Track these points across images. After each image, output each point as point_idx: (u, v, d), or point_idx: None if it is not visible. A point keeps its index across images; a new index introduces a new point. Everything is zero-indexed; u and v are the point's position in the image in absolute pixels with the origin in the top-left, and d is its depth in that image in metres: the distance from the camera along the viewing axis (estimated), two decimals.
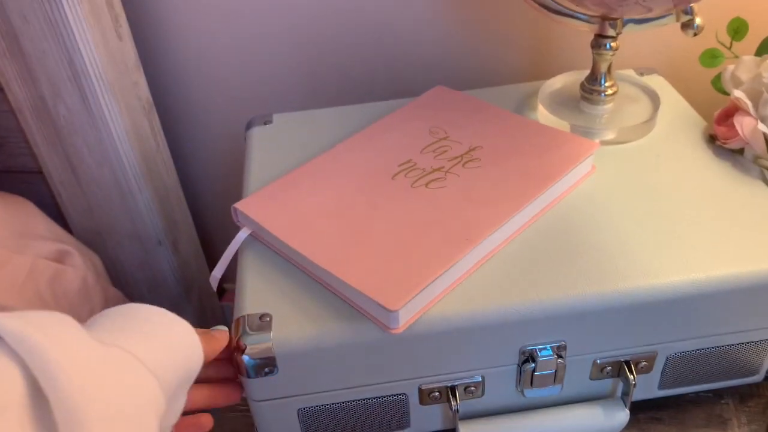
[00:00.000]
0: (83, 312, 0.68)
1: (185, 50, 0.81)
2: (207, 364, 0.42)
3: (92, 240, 0.85)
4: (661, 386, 0.53)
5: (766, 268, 0.47)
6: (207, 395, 0.45)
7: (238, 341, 0.45)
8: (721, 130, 0.58)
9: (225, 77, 0.83)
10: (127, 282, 0.89)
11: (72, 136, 0.75)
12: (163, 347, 0.36)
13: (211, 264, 1.01)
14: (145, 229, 0.83)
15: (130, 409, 0.31)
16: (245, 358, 0.45)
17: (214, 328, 0.46)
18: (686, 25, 0.56)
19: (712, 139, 0.59)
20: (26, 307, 0.61)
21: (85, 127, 0.74)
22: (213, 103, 0.86)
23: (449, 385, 0.49)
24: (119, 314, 0.38)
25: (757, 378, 0.54)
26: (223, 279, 1.07)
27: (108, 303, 0.71)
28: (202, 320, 0.97)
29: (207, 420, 0.45)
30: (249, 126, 0.67)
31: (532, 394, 0.51)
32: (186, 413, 0.42)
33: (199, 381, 0.42)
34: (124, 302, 0.74)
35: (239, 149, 0.89)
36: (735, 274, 0.47)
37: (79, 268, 0.69)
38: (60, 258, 0.70)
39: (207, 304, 0.99)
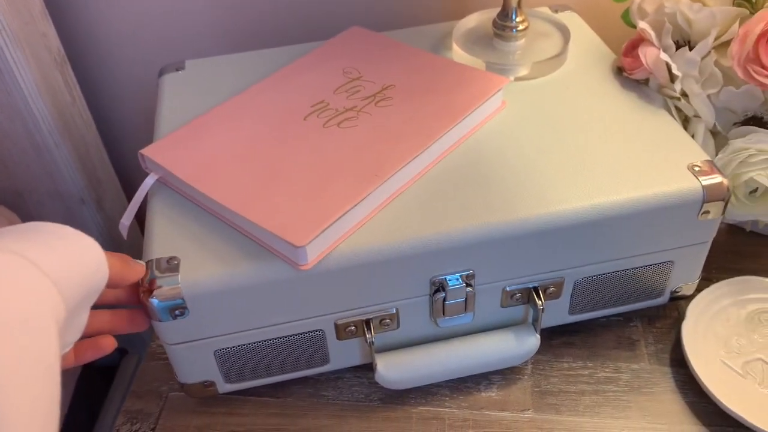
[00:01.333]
0: None
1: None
2: (117, 290, 0.42)
3: (12, 200, 0.83)
4: (571, 311, 0.55)
5: (666, 190, 0.49)
6: (110, 319, 0.45)
7: (147, 284, 0.45)
8: (627, 62, 0.59)
9: (138, 24, 0.80)
10: None
11: None
12: (65, 258, 0.35)
13: (140, 223, 1.00)
14: (66, 187, 0.81)
15: (25, 313, 0.31)
16: (154, 301, 0.45)
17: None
18: None
19: (620, 71, 0.61)
20: None
21: None
22: (128, 53, 0.83)
23: (364, 318, 0.50)
24: (25, 228, 0.36)
25: (662, 300, 0.57)
26: None
27: None
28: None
29: (107, 342, 0.44)
30: (161, 73, 0.66)
31: (446, 323, 0.52)
32: (89, 336, 0.43)
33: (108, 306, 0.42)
34: None
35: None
36: (635, 198, 0.49)
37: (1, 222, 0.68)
38: None
39: None
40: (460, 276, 0.49)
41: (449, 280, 0.49)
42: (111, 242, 0.89)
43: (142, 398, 0.56)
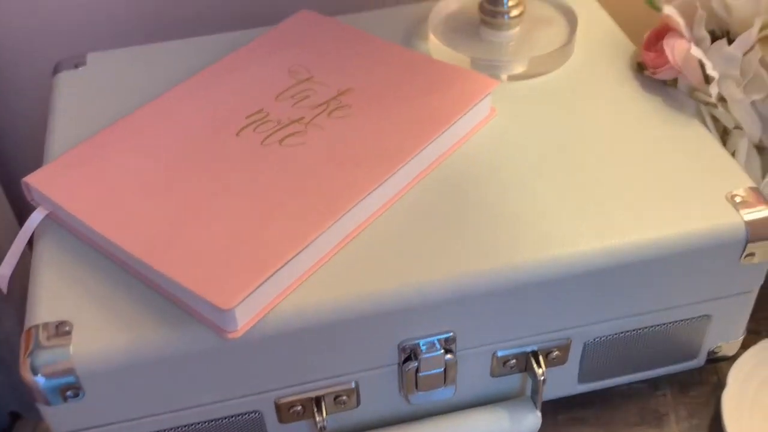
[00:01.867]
0: None
1: None
2: None
3: None
4: (581, 380, 0.56)
5: (698, 228, 0.50)
6: None
7: (29, 356, 0.45)
8: (650, 57, 0.60)
9: (29, 14, 0.80)
10: None
11: None
12: None
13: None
14: None
15: None
16: (39, 379, 0.45)
17: None
18: None
19: (640, 68, 0.62)
20: None
21: None
22: (17, 45, 0.83)
23: (314, 395, 0.50)
24: None
25: (697, 362, 0.58)
26: None
27: None
28: None
29: None
30: (56, 70, 0.67)
31: (419, 400, 0.53)
32: None
33: None
34: None
35: None
36: (659, 239, 0.49)
37: None
38: None
39: None
40: (438, 340, 0.49)
41: (422, 345, 0.49)
42: None
43: None
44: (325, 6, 0.70)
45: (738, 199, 0.51)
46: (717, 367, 0.60)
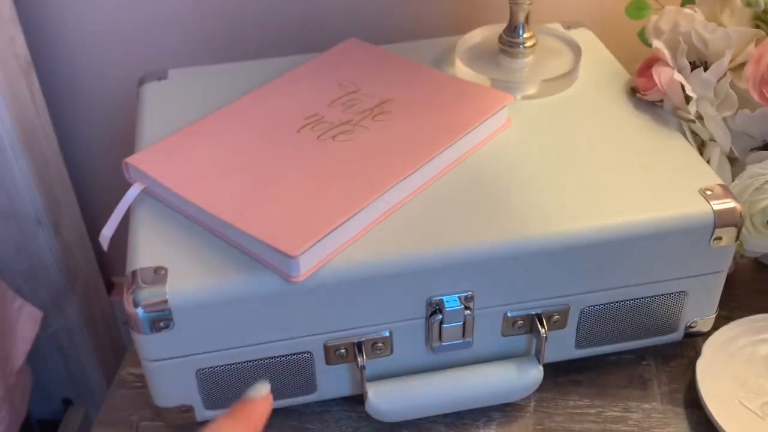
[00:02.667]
0: None
1: (68, 1, 0.89)
2: None
3: None
4: (578, 345, 0.64)
5: (675, 214, 0.58)
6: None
7: (132, 294, 0.54)
8: (641, 82, 0.69)
9: (113, 31, 0.91)
10: (0, 271, 0.96)
11: None
12: None
13: (99, 251, 1.09)
14: (22, 206, 0.91)
15: None
16: (139, 311, 0.54)
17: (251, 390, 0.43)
18: None
19: (633, 92, 0.71)
20: None
21: None
22: (99, 64, 0.94)
23: (356, 341, 0.59)
24: None
25: (677, 336, 0.66)
26: (111, 272, 1.15)
27: None
28: (88, 318, 1.04)
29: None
30: (141, 82, 0.76)
31: (443, 351, 0.61)
32: None
33: None
34: (3, 290, 0.82)
35: (129, 122, 0.98)
36: (643, 220, 0.58)
37: None
38: None
39: (94, 298, 1.06)
40: (459, 297, 0.58)
41: (447, 302, 0.58)
42: (67, 270, 0.97)
43: (111, 427, 0.64)
44: (369, 37, 0.79)
45: (709, 193, 0.59)
46: (694, 342, 0.67)
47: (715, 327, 0.66)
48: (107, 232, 0.61)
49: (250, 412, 0.39)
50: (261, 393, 0.42)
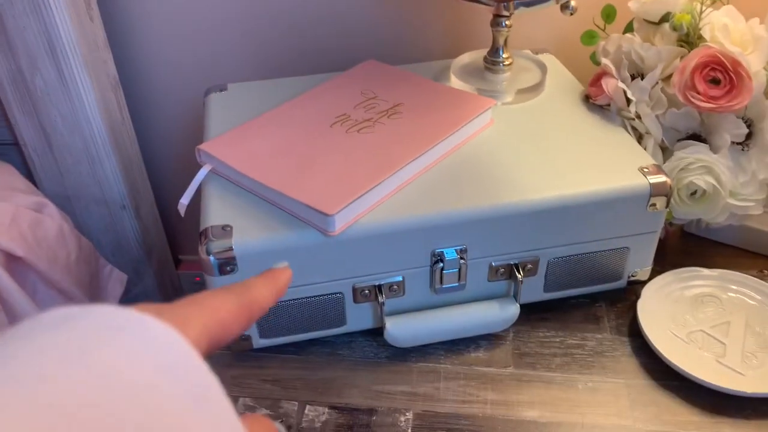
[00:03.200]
0: (61, 254, 0.77)
1: (145, 31, 0.92)
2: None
3: (62, 205, 0.94)
4: (546, 289, 0.66)
5: (620, 185, 0.61)
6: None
7: (206, 245, 0.56)
8: (592, 90, 0.72)
9: (183, 54, 0.94)
10: (93, 245, 0.98)
11: (47, 107, 0.84)
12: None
13: (168, 232, 1.11)
14: (111, 195, 0.93)
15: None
16: (211, 258, 0.56)
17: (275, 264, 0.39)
18: (564, 6, 0.70)
19: (587, 98, 0.74)
20: (12, 246, 0.70)
21: (60, 98, 0.84)
22: (171, 81, 0.97)
23: (377, 284, 0.62)
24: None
25: (621, 283, 0.68)
26: (179, 250, 1.17)
27: (82, 251, 0.81)
28: (161, 286, 1.07)
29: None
30: (207, 93, 0.79)
31: (443, 292, 0.63)
32: None
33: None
34: (94, 254, 0.84)
35: (192, 127, 1.00)
36: (595, 190, 0.61)
37: (56, 217, 0.79)
38: (38, 209, 0.79)
39: (165, 271, 1.09)
40: (456, 249, 0.61)
41: (446, 253, 0.61)
42: (145, 246, 1.00)
43: None
44: (385, 59, 0.82)
45: (646, 170, 0.62)
46: (635, 288, 0.69)
47: (651, 277, 0.69)
48: (184, 201, 0.64)
49: (275, 275, 0.37)
50: (283, 265, 0.40)
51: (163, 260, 1.08)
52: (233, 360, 0.65)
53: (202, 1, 0.89)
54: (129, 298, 1.04)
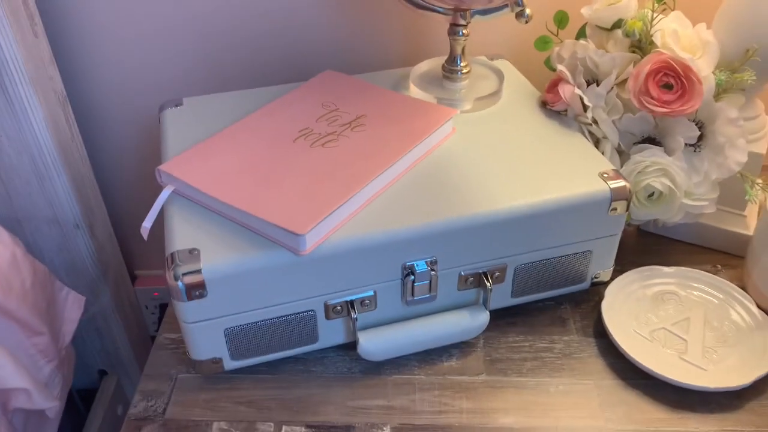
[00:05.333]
0: (15, 282, 0.74)
1: (94, 46, 0.89)
2: None
3: (12, 228, 0.90)
4: (513, 294, 0.67)
5: (582, 192, 0.62)
6: None
7: (173, 271, 0.55)
8: (549, 97, 0.73)
9: (134, 68, 0.91)
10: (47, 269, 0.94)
11: None
12: None
13: (124, 249, 1.08)
14: (63, 213, 0.90)
15: None
16: (179, 284, 0.55)
17: None
18: (519, 15, 0.70)
19: (544, 105, 0.74)
20: None
21: (5, 118, 0.80)
22: (122, 95, 0.94)
23: (349, 300, 0.61)
24: None
25: (585, 285, 0.69)
26: (135, 266, 1.14)
27: (36, 276, 0.78)
28: (118, 304, 1.03)
29: None
30: (162, 108, 0.76)
31: (414, 304, 0.63)
32: None
33: None
34: (50, 278, 0.81)
35: (147, 141, 0.97)
36: (558, 198, 0.61)
37: (8, 243, 0.76)
38: None
39: (122, 288, 1.05)
40: (426, 261, 0.61)
41: (417, 265, 0.60)
42: (100, 264, 0.96)
43: (154, 380, 0.64)
44: (342, 68, 0.81)
45: (606, 176, 0.63)
46: (598, 289, 0.71)
47: (613, 277, 0.70)
48: (147, 224, 0.62)
49: None
50: None
51: (120, 277, 1.05)
52: (204, 383, 0.64)
53: (153, 12, 0.87)
54: (86, 318, 1.01)
